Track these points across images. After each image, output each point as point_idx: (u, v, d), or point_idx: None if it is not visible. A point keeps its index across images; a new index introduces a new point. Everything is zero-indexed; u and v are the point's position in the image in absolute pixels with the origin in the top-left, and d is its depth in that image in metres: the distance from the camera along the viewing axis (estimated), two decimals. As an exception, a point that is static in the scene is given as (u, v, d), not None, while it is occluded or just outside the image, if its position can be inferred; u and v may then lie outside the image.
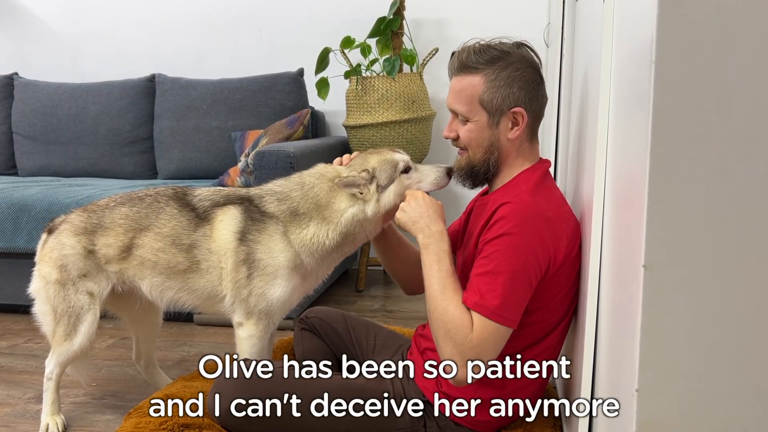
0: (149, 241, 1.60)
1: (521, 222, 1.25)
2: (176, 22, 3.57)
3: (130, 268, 1.63)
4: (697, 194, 0.73)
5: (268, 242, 1.52)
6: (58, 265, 1.65)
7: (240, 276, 1.53)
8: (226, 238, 1.55)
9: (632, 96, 0.88)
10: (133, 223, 1.62)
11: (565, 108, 1.93)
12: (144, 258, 1.61)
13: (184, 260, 1.58)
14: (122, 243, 1.62)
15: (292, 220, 1.53)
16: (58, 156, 3.36)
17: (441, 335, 1.25)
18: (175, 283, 1.61)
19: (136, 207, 1.64)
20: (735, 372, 0.75)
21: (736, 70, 0.71)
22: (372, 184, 1.48)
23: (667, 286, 0.75)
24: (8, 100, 3.46)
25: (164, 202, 1.64)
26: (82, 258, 1.64)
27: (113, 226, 1.63)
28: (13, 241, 2.58)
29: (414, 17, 3.26)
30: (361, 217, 1.50)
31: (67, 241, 1.65)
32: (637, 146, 0.81)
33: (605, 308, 1.09)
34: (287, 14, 3.44)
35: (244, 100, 3.17)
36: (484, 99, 1.34)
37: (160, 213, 1.62)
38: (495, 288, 1.23)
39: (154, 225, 1.61)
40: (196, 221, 1.59)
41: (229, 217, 1.56)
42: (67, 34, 3.69)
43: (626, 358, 0.83)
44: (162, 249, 1.59)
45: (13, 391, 2.00)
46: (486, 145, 1.37)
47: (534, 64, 1.37)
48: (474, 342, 1.21)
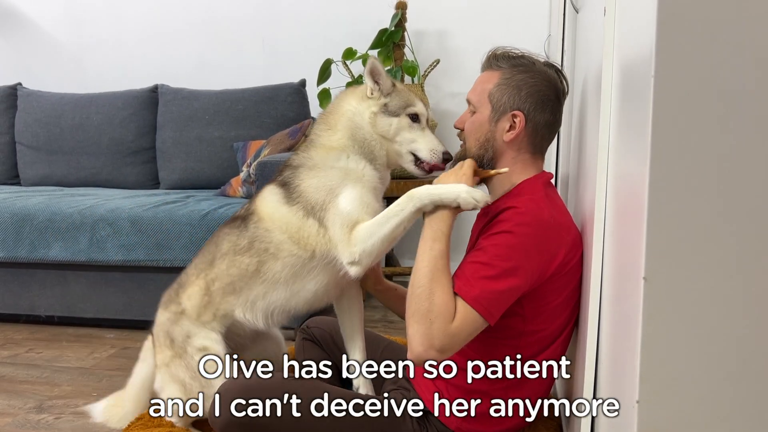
0: (219, 269, 1.59)
1: (522, 223, 1.26)
2: (179, 33, 3.59)
3: (220, 307, 1.59)
4: (696, 207, 0.74)
5: (307, 183, 1.51)
6: (167, 344, 1.62)
7: (312, 225, 1.48)
8: (274, 208, 1.53)
9: (632, 108, 0.89)
10: (202, 265, 1.63)
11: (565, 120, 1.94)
12: (222, 287, 1.58)
13: (251, 259, 1.54)
14: (200, 287, 1.61)
15: (316, 147, 1.55)
16: (60, 166, 3.37)
17: (418, 314, 1.23)
18: (257, 287, 1.55)
19: (201, 254, 1.67)
20: (736, 383, 0.76)
21: (735, 83, 0.72)
22: (386, 97, 1.53)
23: (667, 298, 0.75)
24: (12, 110, 3.47)
25: (219, 231, 1.66)
26: (176, 321, 1.62)
27: (189, 279, 1.64)
28: (16, 251, 2.58)
29: (415, 29, 3.28)
30: (358, 121, 1.52)
31: (160, 317, 1.66)
32: (637, 159, 0.81)
33: (606, 320, 1.09)
34: (289, 25, 3.47)
35: (246, 111, 3.18)
36: (493, 93, 1.39)
37: (217, 243, 1.63)
38: (482, 278, 1.23)
39: (216, 254, 1.61)
40: (244, 222, 1.59)
41: (267, 193, 1.58)
42: (70, 45, 3.72)
43: (627, 369, 0.83)
44: (229, 265, 1.57)
45: (14, 401, 2.00)
46: (482, 139, 1.40)
47: (553, 83, 1.40)
48: (452, 331, 1.21)
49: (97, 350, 2.44)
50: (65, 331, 2.65)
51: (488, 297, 1.22)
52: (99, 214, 2.54)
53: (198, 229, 2.46)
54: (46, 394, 2.05)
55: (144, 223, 2.50)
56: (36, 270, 2.65)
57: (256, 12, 3.49)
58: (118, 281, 2.60)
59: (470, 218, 1.56)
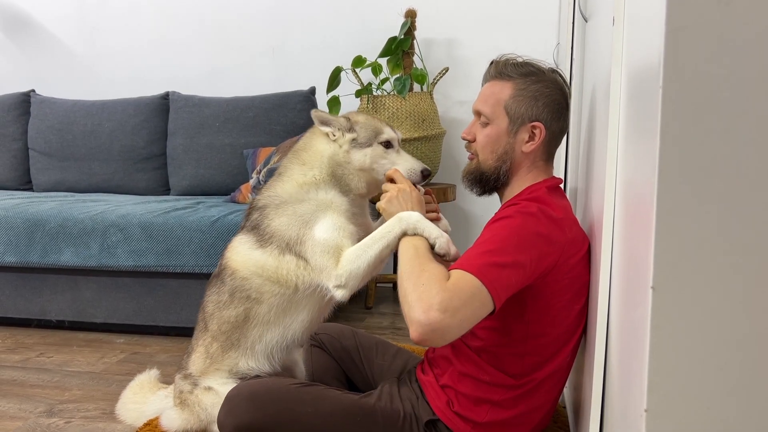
0: (212, 331, 1.61)
1: (522, 210, 1.28)
2: (190, 41, 3.62)
3: (223, 364, 1.60)
4: (705, 215, 0.74)
5: (277, 221, 1.50)
6: (177, 404, 1.66)
7: (290, 260, 1.48)
8: (246, 255, 1.54)
9: (641, 117, 0.89)
10: (198, 332, 1.67)
11: (574, 128, 1.94)
12: (220, 345, 1.59)
13: (234, 311, 1.55)
14: (200, 352, 1.64)
15: (284, 183, 1.56)
16: (72, 172, 3.41)
17: (410, 287, 1.16)
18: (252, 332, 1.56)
19: (199, 321, 1.69)
20: (744, 393, 0.75)
21: (744, 92, 0.72)
22: (349, 133, 1.54)
23: (676, 307, 0.75)
24: (25, 116, 3.52)
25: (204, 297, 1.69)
26: (184, 380, 1.67)
27: (192, 346, 1.69)
28: (28, 256, 2.61)
29: (424, 37, 3.30)
30: (338, 159, 1.54)
31: (176, 384, 1.70)
32: (645, 167, 0.82)
33: (614, 328, 1.09)
34: (299, 34, 3.49)
35: (257, 118, 3.20)
36: (509, 105, 1.38)
37: (204, 306, 1.65)
38: (483, 253, 1.20)
39: (207, 318, 1.63)
40: (219, 278, 1.61)
41: (236, 243, 1.58)
42: (83, 53, 3.76)
43: (635, 378, 0.83)
44: (219, 323, 1.58)
45: (25, 405, 2.02)
46: (500, 152, 1.40)
47: (564, 90, 1.41)
48: (449, 287, 1.12)
49: (107, 355, 2.46)
50: (76, 336, 2.67)
51: (491, 270, 1.16)
52: (110, 220, 2.57)
53: (208, 236, 2.48)
54: (57, 399, 2.06)
55: (154, 229, 2.52)
56: (47, 275, 2.68)
57: (267, 20, 3.52)
58: (129, 286, 2.62)
59: (475, 225, 1.57)
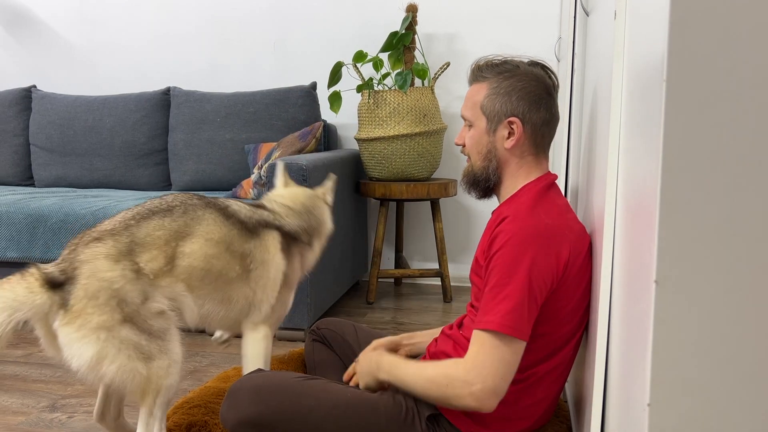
0: (198, 248, 1.53)
1: (518, 232, 1.26)
2: (191, 36, 3.62)
3: (179, 281, 1.51)
4: (708, 210, 0.74)
5: (293, 263, 1.75)
6: (113, 304, 1.38)
7: (276, 285, 1.68)
8: (276, 252, 1.68)
9: (644, 111, 0.89)
10: (173, 233, 1.52)
11: (576, 122, 1.94)
12: (193, 267, 1.52)
13: (239, 267, 1.58)
14: (166, 253, 1.50)
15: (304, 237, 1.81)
16: (74, 167, 3.41)
17: (439, 393, 1.27)
18: (220, 292, 1.58)
19: (168, 217, 1.55)
20: (747, 387, 0.76)
21: (748, 86, 0.72)
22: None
23: (679, 301, 0.75)
24: (26, 112, 3.52)
25: (201, 210, 1.58)
26: (136, 280, 1.43)
27: (151, 240, 1.49)
28: (29, 251, 2.61)
29: (426, 32, 3.29)
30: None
31: (110, 273, 1.41)
32: (648, 162, 0.81)
33: (617, 323, 1.09)
34: (300, 29, 3.49)
35: (258, 114, 3.20)
36: (484, 105, 1.40)
37: (202, 221, 1.56)
38: (499, 301, 1.23)
39: (198, 232, 1.54)
40: (247, 233, 1.62)
41: (276, 239, 1.70)
42: (84, 48, 3.76)
43: (638, 372, 0.83)
44: (215, 255, 1.55)
45: (27, 400, 2.02)
46: (484, 151, 1.42)
47: (542, 80, 1.40)
48: (468, 364, 1.23)
49: (109, 350, 2.46)
50: (78, 331, 2.67)
51: (510, 318, 1.22)
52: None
53: (209, 231, 2.47)
54: (60, 393, 2.07)
55: (156, 224, 2.52)
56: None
57: (268, 15, 3.52)
58: (130, 282, 2.62)
59: (476, 220, 1.57)
